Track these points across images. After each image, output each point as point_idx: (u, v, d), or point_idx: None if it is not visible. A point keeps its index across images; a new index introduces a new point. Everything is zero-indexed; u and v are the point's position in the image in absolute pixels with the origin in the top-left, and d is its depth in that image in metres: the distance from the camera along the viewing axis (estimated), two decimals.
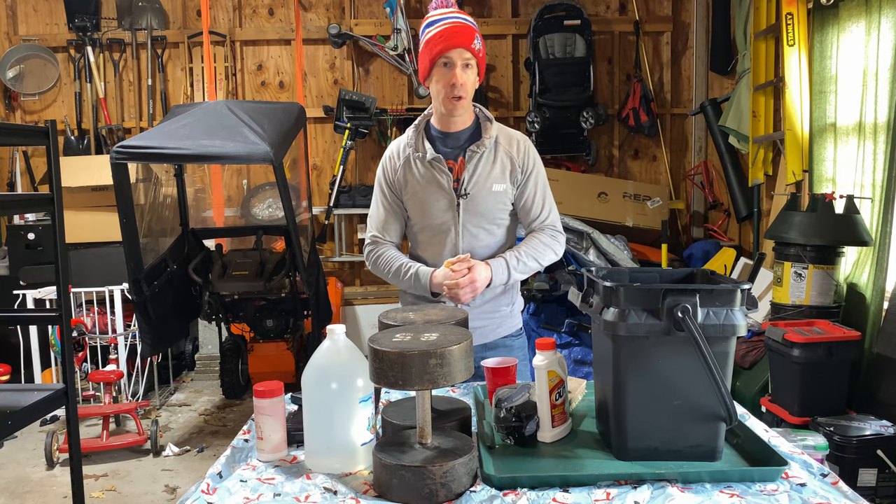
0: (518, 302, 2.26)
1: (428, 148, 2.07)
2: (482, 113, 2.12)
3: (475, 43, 1.98)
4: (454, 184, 2.06)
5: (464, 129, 2.08)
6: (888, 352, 3.11)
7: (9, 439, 4.06)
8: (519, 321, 2.25)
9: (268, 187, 5.54)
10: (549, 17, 5.20)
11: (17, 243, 4.79)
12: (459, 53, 1.96)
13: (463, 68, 1.97)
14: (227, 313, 4.59)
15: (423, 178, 2.08)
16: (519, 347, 2.23)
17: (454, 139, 2.09)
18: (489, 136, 2.06)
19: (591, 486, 1.31)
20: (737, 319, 1.34)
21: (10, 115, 5.61)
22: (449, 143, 2.09)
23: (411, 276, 2.07)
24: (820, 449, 2.78)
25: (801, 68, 3.84)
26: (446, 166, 2.06)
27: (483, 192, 2.05)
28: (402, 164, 2.11)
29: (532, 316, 4.28)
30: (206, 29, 5.28)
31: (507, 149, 2.09)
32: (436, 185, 2.07)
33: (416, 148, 2.09)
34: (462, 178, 2.06)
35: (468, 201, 2.06)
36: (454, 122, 2.07)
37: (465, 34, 1.97)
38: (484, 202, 2.06)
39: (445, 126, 2.09)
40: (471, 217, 2.07)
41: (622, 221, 5.02)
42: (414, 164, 2.09)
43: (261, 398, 1.47)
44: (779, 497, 1.26)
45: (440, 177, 2.06)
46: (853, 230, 3.25)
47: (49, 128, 2.21)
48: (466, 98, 2.01)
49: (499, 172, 2.07)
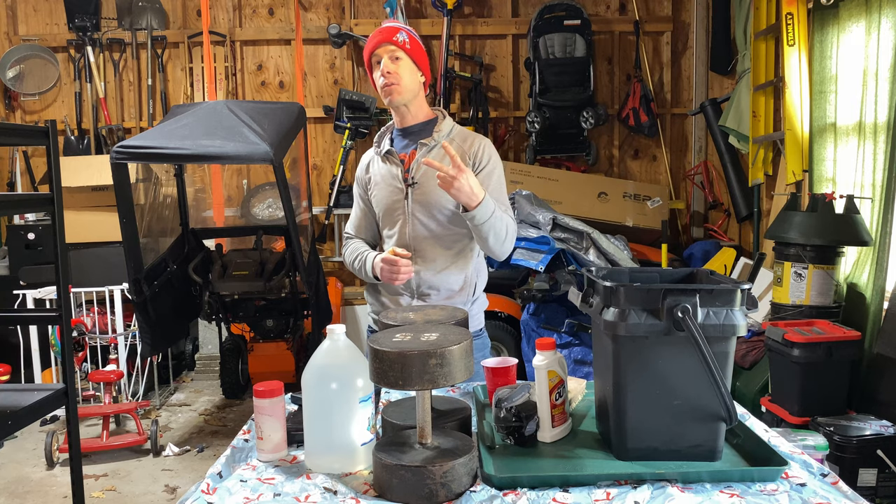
0: (480, 301, 2.28)
1: (385, 143, 2.23)
2: (441, 113, 2.25)
3: (398, 35, 2.13)
4: (405, 174, 2.17)
5: (416, 124, 2.21)
6: (888, 352, 3.11)
7: (9, 439, 4.06)
8: (479, 322, 2.27)
9: (268, 187, 5.54)
10: (549, 17, 5.20)
11: (17, 243, 4.79)
12: (384, 48, 2.13)
13: (392, 61, 2.12)
14: (227, 313, 4.59)
15: (381, 172, 2.23)
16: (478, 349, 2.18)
17: (409, 133, 2.22)
18: (439, 130, 2.18)
19: (591, 486, 1.31)
20: (737, 319, 1.34)
21: (10, 115, 5.61)
22: (406, 138, 2.23)
23: (362, 260, 2.21)
24: (820, 449, 2.78)
25: (801, 68, 3.84)
26: (398, 158, 2.19)
27: (431, 182, 2.11)
28: (367, 163, 2.29)
29: (532, 316, 4.28)
30: (206, 29, 5.28)
31: (460, 144, 2.18)
32: (390, 176, 2.20)
33: (378, 145, 2.26)
34: (411, 167, 2.17)
35: (416, 190, 2.15)
36: (404, 115, 2.20)
37: (388, 31, 2.14)
38: (433, 192, 2.12)
39: (400, 122, 2.23)
40: (419, 206, 2.15)
41: (622, 221, 5.02)
42: (376, 160, 2.26)
43: (261, 398, 1.47)
44: (779, 497, 1.26)
45: (393, 168, 2.20)
46: (853, 230, 3.25)
47: (49, 128, 2.21)
48: (399, 85, 2.12)
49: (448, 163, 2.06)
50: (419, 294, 2.18)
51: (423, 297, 2.18)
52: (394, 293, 2.21)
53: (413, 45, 2.15)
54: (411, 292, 2.19)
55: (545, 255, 4.02)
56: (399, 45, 2.13)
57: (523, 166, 5.11)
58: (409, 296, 2.19)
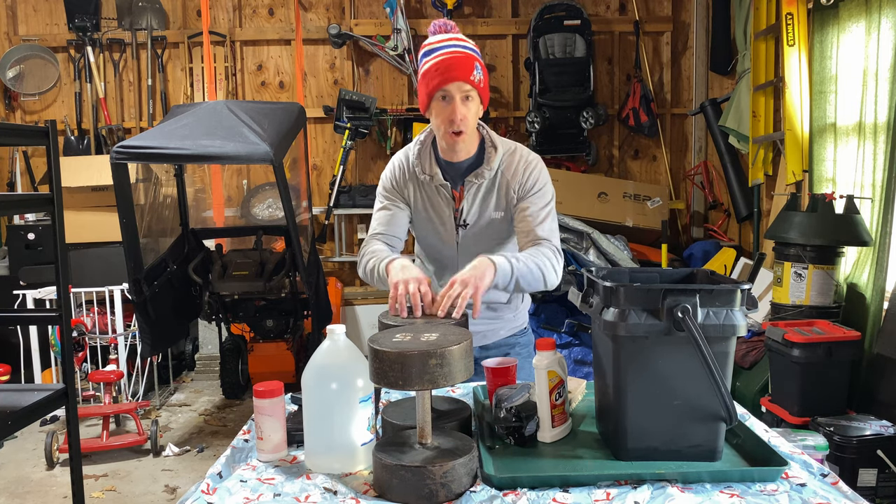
0: (526, 300, 2.21)
1: (436, 172, 1.99)
2: (489, 137, 2.00)
3: (475, 74, 1.86)
4: (455, 213, 2.02)
5: (466, 159, 1.99)
6: (888, 352, 3.11)
7: (9, 439, 4.06)
8: (524, 320, 2.21)
9: (268, 187, 5.54)
10: (549, 17, 5.19)
11: (17, 243, 4.79)
12: (458, 87, 1.85)
13: (462, 101, 1.87)
14: (227, 313, 4.59)
15: (429, 200, 2.03)
16: (524, 345, 2.19)
17: (456, 167, 2.01)
18: (489, 168, 1.96)
19: (591, 486, 1.31)
20: (737, 319, 1.34)
21: (10, 115, 5.61)
22: (451, 170, 2.01)
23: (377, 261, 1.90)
24: (820, 449, 2.78)
25: (801, 68, 3.84)
26: (450, 194, 2.00)
27: (482, 222, 2.01)
28: (409, 177, 2.04)
29: (532, 316, 4.28)
30: (206, 29, 5.28)
31: (506, 175, 1.98)
32: (439, 210, 2.02)
33: (422, 168, 2.01)
34: (461, 207, 2.00)
35: (467, 231, 2.02)
36: (458, 153, 1.97)
37: (463, 65, 1.85)
38: (483, 231, 2.02)
39: (449, 157, 2.00)
40: (469, 246, 2.01)
41: (622, 221, 5.01)
42: (421, 183, 2.03)
43: (261, 398, 1.47)
44: (779, 497, 1.26)
45: (443, 204, 2.01)
46: (853, 230, 3.25)
47: (49, 128, 2.21)
48: (467, 132, 1.91)
49: (496, 200, 2.00)
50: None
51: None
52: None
53: (485, 79, 1.91)
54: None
55: None
56: (474, 84, 1.86)
57: None
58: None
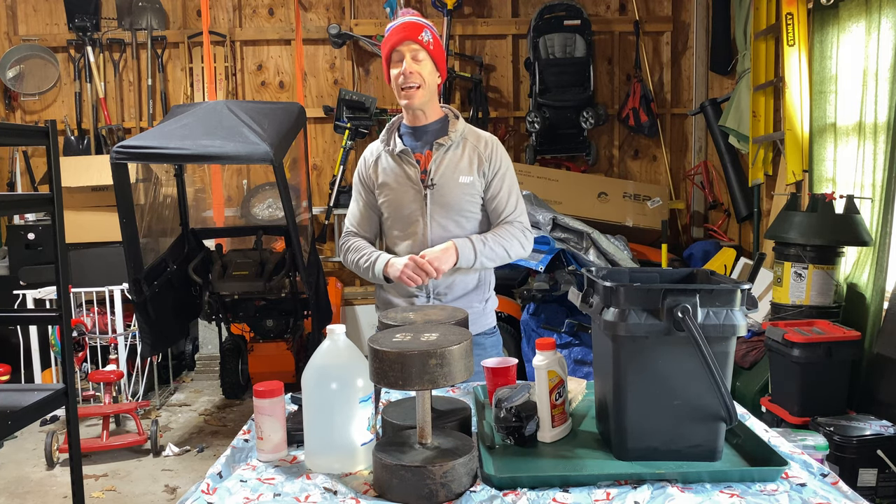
0: (492, 300, 2.28)
1: (397, 142, 2.15)
2: (451, 112, 2.21)
3: (423, 35, 2.06)
4: (421, 175, 2.13)
5: (431, 123, 2.17)
6: (888, 352, 3.11)
7: (9, 439, 4.06)
8: (492, 319, 2.27)
9: (268, 187, 5.54)
10: (549, 17, 5.20)
11: (17, 243, 4.79)
12: (407, 45, 2.06)
13: (413, 60, 2.06)
14: (227, 313, 4.59)
15: (393, 172, 2.16)
16: (492, 346, 2.22)
17: (422, 133, 2.17)
18: (455, 130, 2.14)
19: (591, 486, 1.31)
20: (737, 319, 1.34)
21: (10, 115, 5.61)
22: (417, 137, 2.17)
23: (371, 260, 2.14)
24: (820, 449, 2.78)
25: (801, 68, 3.84)
26: (414, 158, 2.14)
27: (450, 184, 2.11)
28: (374, 160, 2.21)
29: (532, 316, 4.28)
30: (206, 29, 5.28)
31: (475, 144, 2.16)
32: (404, 176, 2.14)
33: (387, 143, 2.18)
34: (429, 168, 2.12)
35: (435, 192, 2.11)
36: (418, 115, 2.15)
37: (412, 28, 2.06)
38: (451, 193, 2.11)
39: (412, 121, 2.17)
40: (438, 208, 2.12)
41: (622, 221, 5.01)
42: (385, 158, 2.18)
43: (261, 398, 1.47)
44: (779, 497, 1.26)
45: (408, 168, 2.14)
46: (853, 230, 3.25)
47: (49, 128, 2.21)
48: (422, 88, 2.08)
49: (466, 165, 2.13)
50: (435, 294, 2.15)
51: (439, 296, 2.15)
52: (406, 294, 2.16)
53: (436, 44, 2.10)
54: (427, 293, 2.16)
55: (545, 255, 4.02)
56: (423, 45, 2.06)
57: (523, 166, 5.10)
58: (425, 296, 2.16)
